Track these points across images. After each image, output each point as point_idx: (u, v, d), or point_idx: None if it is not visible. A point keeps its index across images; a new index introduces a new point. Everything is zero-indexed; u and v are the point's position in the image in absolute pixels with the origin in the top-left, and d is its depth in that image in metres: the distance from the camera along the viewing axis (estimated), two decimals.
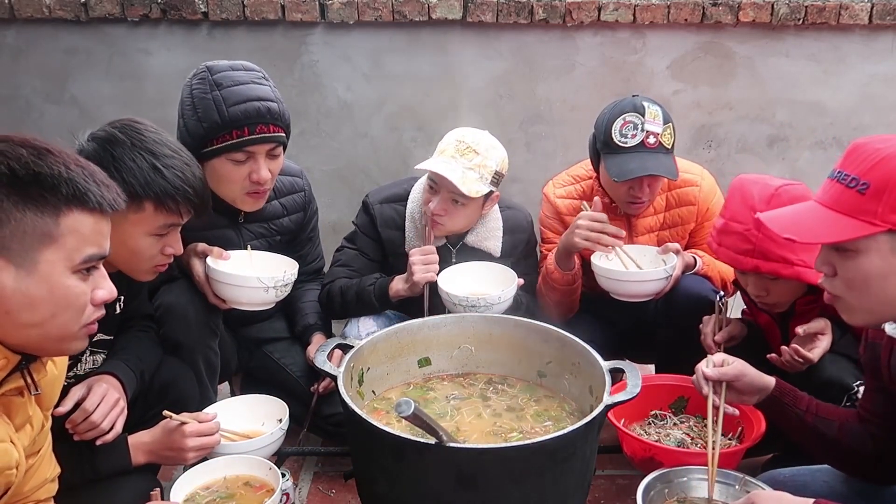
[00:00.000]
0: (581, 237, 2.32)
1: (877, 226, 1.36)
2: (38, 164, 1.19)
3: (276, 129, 2.17)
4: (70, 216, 1.22)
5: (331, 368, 1.83)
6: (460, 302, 2.25)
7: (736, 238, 2.00)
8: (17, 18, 3.11)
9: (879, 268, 1.38)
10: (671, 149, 2.38)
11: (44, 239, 1.20)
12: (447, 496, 1.60)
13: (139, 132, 1.82)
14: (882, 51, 3.24)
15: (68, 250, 1.23)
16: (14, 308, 1.20)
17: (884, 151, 1.38)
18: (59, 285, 1.23)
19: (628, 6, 3.11)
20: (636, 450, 2.03)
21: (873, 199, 1.36)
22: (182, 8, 3.08)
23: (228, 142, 2.11)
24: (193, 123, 2.11)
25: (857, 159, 1.42)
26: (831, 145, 3.38)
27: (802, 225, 1.47)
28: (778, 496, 1.55)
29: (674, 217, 2.55)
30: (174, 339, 2.11)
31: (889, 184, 1.35)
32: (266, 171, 2.18)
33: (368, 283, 2.45)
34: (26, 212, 1.18)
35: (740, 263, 2.01)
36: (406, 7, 3.10)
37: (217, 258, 2.18)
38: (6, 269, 1.18)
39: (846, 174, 1.43)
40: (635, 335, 2.62)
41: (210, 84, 2.12)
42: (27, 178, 1.18)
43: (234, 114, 2.09)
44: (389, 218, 2.53)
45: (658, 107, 2.38)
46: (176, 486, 1.79)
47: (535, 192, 2.79)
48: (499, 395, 2.05)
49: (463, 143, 2.35)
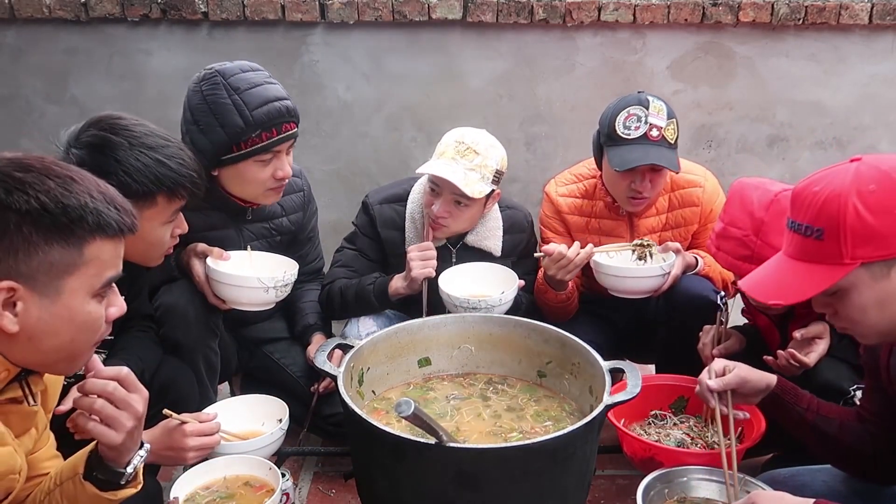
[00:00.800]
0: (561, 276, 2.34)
1: (848, 265, 1.38)
2: (66, 195, 1.20)
3: (294, 126, 2.21)
4: (93, 245, 1.23)
5: (331, 368, 1.83)
6: (461, 304, 2.26)
7: (735, 243, 2.00)
8: (17, 18, 3.11)
9: (870, 297, 1.40)
10: (674, 144, 2.38)
11: (68, 269, 1.22)
12: (447, 496, 1.60)
13: (128, 129, 1.82)
14: (882, 51, 3.24)
15: (90, 277, 1.24)
16: (37, 335, 1.22)
17: (821, 194, 1.40)
18: (80, 311, 1.25)
19: (628, 6, 3.11)
20: (636, 450, 2.03)
21: (833, 243, 1.38)
22: (182, 8, 3.08)
23: (258, 144, 2.13)
24: (212, 129, 2.10)
25: (801, 207, 1.44)
26: (831, 145, 3.38)
27: (784, 286, 1.48)
28: (779, 496, 1.55)
29: (677, 218, 2.55)
30: (174, 339, 2.11)
31: (840, 224, 1.37)
32: (289, 166, 2.23)
33: (368, 283, 2.45)
34: (53, 245, 1.19)
35: (739, 269, 2.00)
36: (406, 7, 3.10)
37: (217, 258, 2.18)
38: (31, 299, 1.20)
39: (798, 223, 1.45)
40: (635, 335, 2.63)
41: (226, 88, 2.11)
42: (56, 212, 1.19)
43: (259, 117, 2.10)
44: (389, 218, 2.53)
45: (663, 102, 2.39)
46: (176, 486, 1.79)
47: (535, 191, 2.80)
48: (499, 396, 2.05)
49: (462, 144, 2.35)
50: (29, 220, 1.18)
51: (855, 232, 1.36)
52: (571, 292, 2.49)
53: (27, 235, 1.18)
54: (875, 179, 1.37)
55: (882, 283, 1.39)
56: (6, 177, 1.19)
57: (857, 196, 1.36)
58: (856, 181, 1.38)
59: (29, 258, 1.18)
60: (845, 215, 1.36)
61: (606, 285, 2.40)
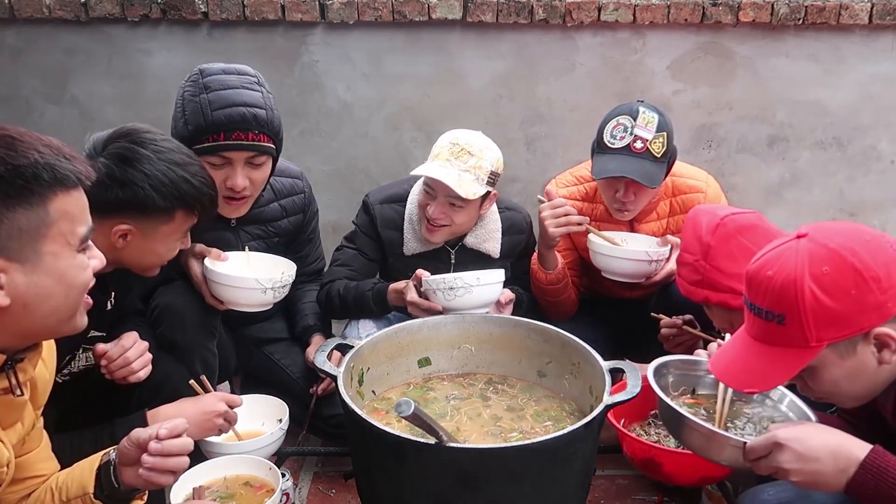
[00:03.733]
0: (552, 226, 2.36)
1: (814, 348, 1.37)
2: (12, 156, 1.16)
3: (258, 138, 2.11)
4: (56, 200, 1.20)
5: (331, 369, 1.83)
6: (438, 286, 2.20)
7: (688, 269, 2.01)
8: (17, 18, 3.11)
9: (840, 374, 1.40)
10: (661, 158, 2.35)
11: (40, 230, 1.19)
12: (447, 496, 1.60)
13: (156, 143, 1.85)
14: (882, 51, 3.24)
15: (65, 234, 1.22)
16: (31, 301, 1.20)
17: (776, 279, 1.39)
18: (67, 269, 1.23)
19: (628, 6, 3.11)
20: (636, 450, 2.02)
21: (796, 328, 1.37)
22: (182, 8, 3.08)
23: (204, 145, 2.09)
24: (181, 125, 2.11)
25: (757, 291, 1.43)
26: (831, 145, 3.38)
27: (755, 372, 1.46)
28: (804, 434, 1.40)
29: (677, 223, 2.55)
30: (171, 339, 2.11)
31: (800, 310, 1.36)
32: (242, 178, 2.13)
33: (367, 289, 2.45)
34: (17, 209, 1.16)
35: (692, 294, 2.01)
36: (406, 7, 3.10)
37: (215, 259, 2.18)
38: (13, 267, 1.17)
39: (758, 307, 1.44)
40: (635, 335, 2.62)
41: (200, 87, 2.10)
42: (7, 175, 1.15)
43: (217, 118, 2.07)
44: (389, 218, 2.52)
45: (657, 115, 2.37)
46: (176, 486, 1.78)
47: (535, 191, 2.79)
48: (499, 395, 2.05)
49: (457, 146, 2.34)
50: None
51: (816, 316, 1.35)
52: (561, 273, 2.49)
53: None
54: (826, 259, 1.36)
55: (849, 360, 1.39)
56: None
57: (811, 280, 1.35)
58: (808, 263, 1.37)
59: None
60: (803, 300, 1.35)
61: (597, 264, 2.45)
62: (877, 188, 3.43)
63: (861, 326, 1.36)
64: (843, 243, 1.38)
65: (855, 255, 1.36)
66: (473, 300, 2.18)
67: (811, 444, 1.37)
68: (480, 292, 2.18)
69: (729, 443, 1.53)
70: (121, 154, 1.80)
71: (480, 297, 2.19)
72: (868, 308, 1.35)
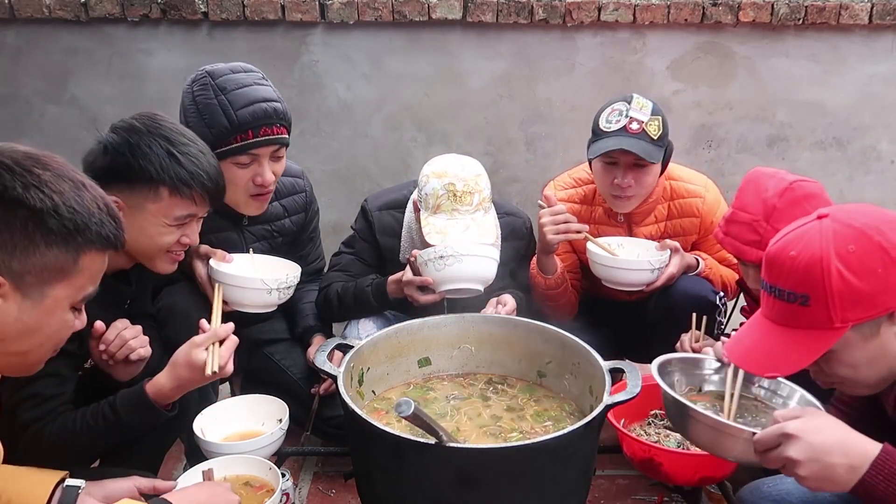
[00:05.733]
0: (551, 232, 2.35)
1: (839, 329, 1.36)
2: (77, 201, 1.20)
3: (280, 130, 2.17)
4: (88, 256, 1.23)
5: (331, 369, 1.83)
6: (429, 256, 2.18)
7: (743, 228, 1.99)
8: (17, 18, 3.11)
9: (862, 357, 1.39)
10: (658, 140, 2.35)
11: (59, 275, 1.21)
12: (447, 496, 1.60)
13: (156, 122, 1.88)
14: (882, 51, 3.24)
15: (76, 287, 1.24)
16: (9, 336, 1.21)
17: (800, 259, 1.38)
18: (57, 319, 1.24)
19: (628, 6, 3.11)
20: (636, 450, 2.02)
21: (821, 308, 1.36)
22: (182, 8, 3.08)
23: (233, 145, 2.11)
24: (201, 130, 2.09)
25: (779, 272, 1.42)
26: (831, 145, 3.38)
27: (775, 356, 1.44)
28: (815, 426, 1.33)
29: (675, 227, 2.55)
30: (176, 340, 2.09)
31: (826, 290, 1.35)
32: (270, 173, 2.19)
33: (366, 284, 2.44)
34: (52, 248, 1.19)
35: (744, 254, 2.00)
36: (406, 7, 3.10)
37: (220, 260, 2.18)
38: (14, 297, 1.18)
39: (780, 289, 1.42)
40: (635, 335, 2.62)
41: (213, 89, 2.12)
42: (65, 216, 1.18)
43: (243, 117, 2.09)
44: (388, 226, 2.51)
45: (650, 102, 2.39)
46: (183, 477, 1.78)
47: (535, 192, 2.79)
48: (499, 396, 2.05)
49: (455, 191, 2.25)
50: (37, 219, 1.17)
51: (843, 296, 1.34)
52: (560, 277, 2.48)
53: (31, 233, 1.16)
54: (852, 238, 1.36)
55: (872, 342, 1.37)
56: (25, 172, 1.17)
57: (838, 259, 1.34)
58: (833, 242, 1.36)
59: (25, 257, 1.17)
60: (830, 280, 1.34)
61: (598, 274, 2.43)
62: (877, 188, 3.43)
63: (887, 307, 1.35)
64: (868, 223, 1.37)
65: (881, 233, 1.35)
66: (464, 270, 2.15)
67: (822, 437, 1.31)
68: (470, 263, 2.16)
69: (737, 434, 1.49)
70: (122, 127, 1.85)
71: (470, 268, 2.16)
72: (893, 287, 1.34)
